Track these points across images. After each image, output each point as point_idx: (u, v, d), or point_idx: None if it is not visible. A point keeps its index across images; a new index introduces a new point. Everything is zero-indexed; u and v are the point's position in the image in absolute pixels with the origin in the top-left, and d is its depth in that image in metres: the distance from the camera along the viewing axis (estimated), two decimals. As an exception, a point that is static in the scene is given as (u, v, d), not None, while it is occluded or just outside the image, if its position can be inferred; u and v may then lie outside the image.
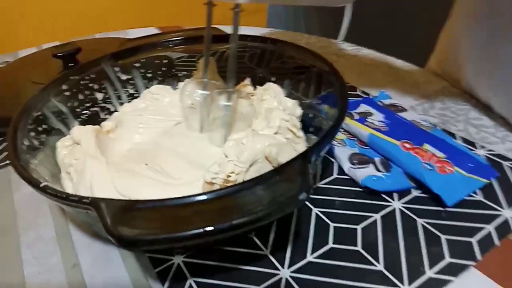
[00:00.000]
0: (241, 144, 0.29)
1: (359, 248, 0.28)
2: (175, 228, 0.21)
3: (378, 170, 0.33)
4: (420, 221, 0.30)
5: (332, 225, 0.30)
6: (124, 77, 0.41)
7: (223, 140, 0.33)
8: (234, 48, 0.31)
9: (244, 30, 0.67)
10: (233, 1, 0.29)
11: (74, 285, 0.28)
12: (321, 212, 0.31)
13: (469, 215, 0.30)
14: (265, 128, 0.32)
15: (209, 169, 0.28)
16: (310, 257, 0.28)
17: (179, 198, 0.22)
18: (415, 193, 0.33)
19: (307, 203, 0.32)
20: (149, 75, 0.42)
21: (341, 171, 0.35)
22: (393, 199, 0.32)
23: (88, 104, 0.38)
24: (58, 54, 0.49)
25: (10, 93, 0.48)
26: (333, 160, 0.37)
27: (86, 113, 0.38)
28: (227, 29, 0.51)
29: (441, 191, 0.30)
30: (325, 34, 0.67)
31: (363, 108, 0.40)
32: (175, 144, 0.34)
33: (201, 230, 0.20)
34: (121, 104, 0.41)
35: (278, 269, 0.27)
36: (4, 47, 0.94)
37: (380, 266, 0.27)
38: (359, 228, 0.30)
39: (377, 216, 0.31)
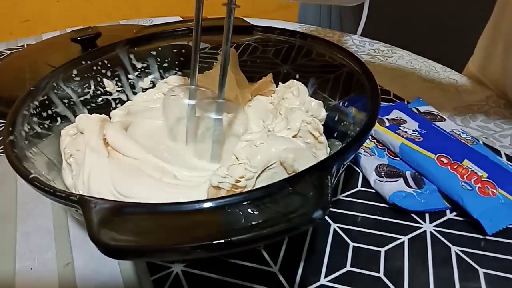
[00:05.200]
0: (255, 146, 0.26)
1: (381, 274, 0.25)
2: (169, 239, 0.18)
3: (409, 186, 0.30)
4: (454, 249, 0.26)
5: (351, 244, 0.27)
6: (139, 65, 0.39)
7: (214, 156, 0.29)
8: (226, 51, 0.26)
9: (272, 24, 0.64)
10: None
11: (64, 286, 0.26)
12: (340, 228, 0.28)
13: (514, 247, 0.26)
14: (284, 129, 0.29)
15: (217, 171, 0.25)
16: (323, 280, 0.25)
17: (176, 204, 0.19)
18: (450, 215, 0.29)
19: (326, 217, 0.29)
20: (165, 64, 0.40)
21: (366, 183, 0.32)
22: (424, 221, 0.28)
23: (99, 92, 0.36)
24: (77, 38, 0.47)
25: (27, 75, 0.47)
26: (358, 170, 0.33)
27: (96, 102, 0.36)
28: (254, 21, 0.47)
29: (482, 217, 0.26)
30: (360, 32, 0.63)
31: (396, 114, 0.36)
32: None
33: (197, 244, 0.18)
34: (135, 94, 0.39)
35: (286, 291, 0.24)
36: (35, 29, 0.95)
37: (404, 299, 0.23)
38: (382, 251, 0.26)
39: (405, 239, 0.27)
